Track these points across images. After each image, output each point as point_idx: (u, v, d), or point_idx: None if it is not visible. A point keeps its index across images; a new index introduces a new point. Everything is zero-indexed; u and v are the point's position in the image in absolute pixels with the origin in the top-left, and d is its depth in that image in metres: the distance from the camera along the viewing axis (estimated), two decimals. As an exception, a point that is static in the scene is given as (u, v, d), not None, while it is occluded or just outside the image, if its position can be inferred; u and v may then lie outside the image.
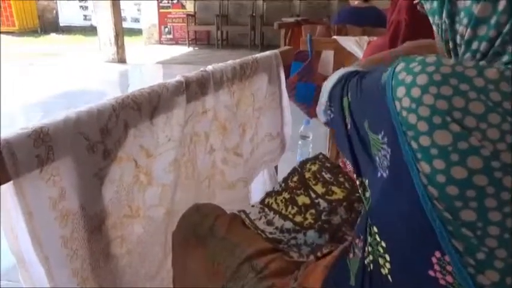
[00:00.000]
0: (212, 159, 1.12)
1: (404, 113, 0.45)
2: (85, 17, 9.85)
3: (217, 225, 0.79)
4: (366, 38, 1.94)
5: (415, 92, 0.45)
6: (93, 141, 0.67)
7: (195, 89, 0.95)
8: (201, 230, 0.78)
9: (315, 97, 2.13)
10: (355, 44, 1.87)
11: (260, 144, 1.41)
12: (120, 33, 5.85)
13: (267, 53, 1.40)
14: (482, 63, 0.48)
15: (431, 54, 0.48)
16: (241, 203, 1.14)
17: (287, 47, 1.60)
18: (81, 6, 9.87)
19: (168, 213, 0.88)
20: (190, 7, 7.53)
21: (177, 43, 7.78)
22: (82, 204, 0.66)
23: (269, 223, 0.83)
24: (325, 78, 2.26)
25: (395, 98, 0.46)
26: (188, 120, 0.95)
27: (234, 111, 1.15)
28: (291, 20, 5.44)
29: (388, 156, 0.49)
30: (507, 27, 0.46)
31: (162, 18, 7.74)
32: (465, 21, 0.50)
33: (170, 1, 7.65)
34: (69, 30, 9.50)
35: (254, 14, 7.21)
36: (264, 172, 1.51)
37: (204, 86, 0.99)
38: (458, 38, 0.52)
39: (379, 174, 0.51)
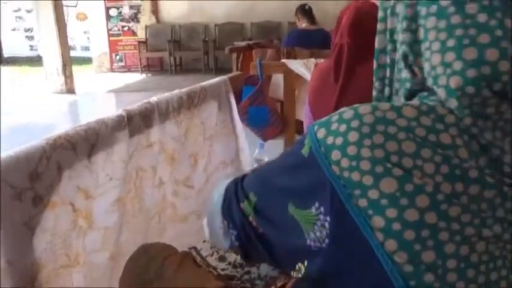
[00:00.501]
0: (162, 192, 1.07)
1: (346, 174, 0.45)
2: (31, 47, 9.50)
3: (166, 267, 0.74)
4: (313, 60, 1.99)
5: (352, 150, 0.45)
6: (20, 189, 0.62)
7: (138, 122, 0.91)
8: (148, 274, 0.73)
9: (269, 120, 2.15)
10: (302, 67, 1.91)
11: (214, 173, 1.38)
12: (68, 62, 5.67)
13: (216, 79, 1.39)
14: (397, 103, 0.49)
15: (343, 110, 0.49)
16: (194, 237, 1.09)
17: (237, 73, 1.61)
18: (26, 37, 9.52)
19: (112, 258, 0.82)
20: (141, 34, 7.47)
21: (129, 70, 7.65)
22: (9, 259, 0.60)
23: (221, 259, 0.79)
24: (276, 101, 2.28)
25: (332, 162, 0.46)
26: (132, 155, 0.91)
27: (183, 142, 1.11)
28: (243, 43, 5.52)
29: (327, 225, 0.48)
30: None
31: (113, 46, 7.61)
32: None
33: (121, 28, 7.55)
34: (14, 61, 9.10)
35: (206, 39, 7.26)
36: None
37: (148, 118, 0.96)
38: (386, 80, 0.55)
39: (315, 248, 0.50)
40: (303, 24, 3.62)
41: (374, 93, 0.61)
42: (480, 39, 0.44)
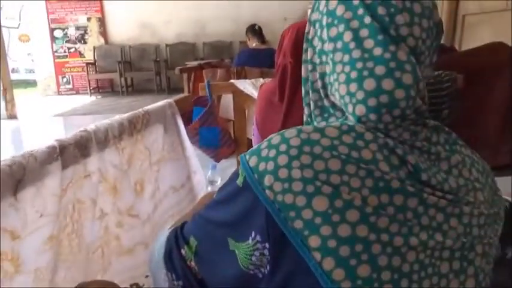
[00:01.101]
0: (104, 224, 1.01)
1: (280, 197, 0.46)
2: (-32, 71, 8.89)
3: (104, 307, 0.69)
4: (261, 80, 2.01)
5: (283, 172, 0.46)
6: None
7: (73, 152, 0.86)
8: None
9: (220, 140, 2.13)
10: (251, 86, 1.93)
11: (164, 199, 1.33)
12: (9, 86, 5.36)
13: (160, 103, 1.36)
14: (320, 124, 0.52)
15: (271, 136, 0.51)
16: (142, 269, 1.04)
17: (183, 95, 1.58)
18: (-38, 60, 8.92)
19: (46, 301, 0.75)
20: (89, 55, 7.25)
21: (77, 93, 7.37)
22: None
23: (166, 294, 0.75)
24: (227, 121, 2.27)
25: (265, 187, 0.47)
26: (67, 187, 0.85)
27: (125, 169, 1.07)
28: (195, 63, 5.50)
29: (266, 252, 0.49)
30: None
31: (59, 68, 7.31)
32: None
33: (67, 50, 7.29)
34: None
35: (158, 59, 7.18)
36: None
37: (84, 148, 0.90)
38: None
39: (258, 277, 0.51)
40: (253, 43, 3.67)
41: (304, 118, 0.64)
42: (377, 71, 0.48)
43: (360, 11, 0.50)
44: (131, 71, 7.29)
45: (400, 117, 0.49)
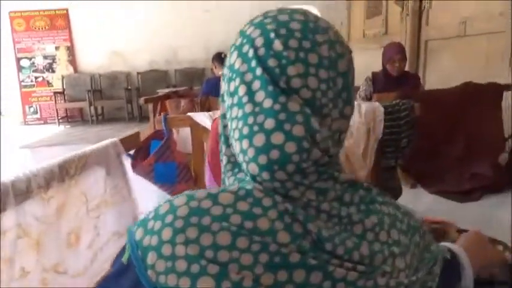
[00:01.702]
0: (26, 283, 0.92)
1: (162, 279, 0.40)
2: None
3: None
4: (218, 112, 1.97)
5: (166, 249, 0.41)
6: None
7: (-18, 209, 0.78)
8: None
9: (177, 176, 2.05)
10: (208, 119, 1.88)
11: (105, 247, 1.24)
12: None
13: (103, 143, 1.28)
14: (214, 190, 0.46)
15: (160, 204, 0.46)
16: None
17: (133, 132, 1.51)
18: None
19: None
20: (58, 84, 7.10)
21: (45, 122, 7.16)
22: None
23: None
24: (187, 155, 2.20)
25: (148, 267, 0.41)
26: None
27: (52, 221, 0.98)
28: (166, 91, 5.44)
29: None
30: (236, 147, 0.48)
31: (26, 98, 7.11)
32: None
33: (34, 79, 7.12)
34: None
35: (129, 87, 7.10)
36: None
37: (-2, 202, 0.82)
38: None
39: None
40: (219, 72, 3.65)
41: (222, 169, 0.59)
42: (266, 125, 0.44)
43: (253, 63, 0.47)
44: (101, 100, 7.16)
45: (297, 173, 0.45)
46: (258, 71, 0.47)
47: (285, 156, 0.44)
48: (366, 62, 3.31)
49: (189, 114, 1.97)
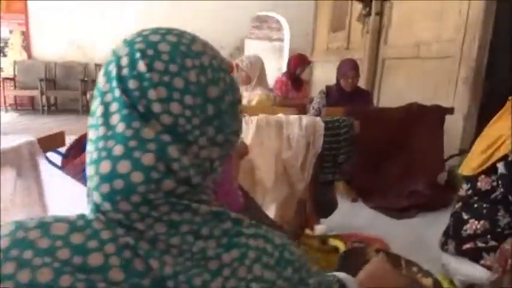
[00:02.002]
0: None
1: None
2: None
3: None
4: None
5: None
6: None
7: None
8: None
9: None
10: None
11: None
12: None
13: (17, 143, 1.20)
14: (50, 218, 0.42)
15: None
16: None
17: (54, 131, 1.42)
18: None
19: None
20: (8, 69, 6.72)
21: (-8, 109, 6.76)
22: None
23: None
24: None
25: None
26: None
27: None
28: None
29: None
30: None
31: (-28, 81, 6.69)
32: None
33: (-17, 62, 6.71)
34: None
35: (86, 79, 6.84)
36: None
37: None
38: None
39: None
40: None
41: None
42: (115, 151, 0.42)
43: (114, 83, 0.45)
44: (55, 89, 6.85)
45: (143, 204, 0.42)
46: (117, 92, 0.44)
47: (129, 186, 0.41)
48: (327, 74, 3.37)
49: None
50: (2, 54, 6.78)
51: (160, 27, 0.51)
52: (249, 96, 2.91)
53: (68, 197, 1.37)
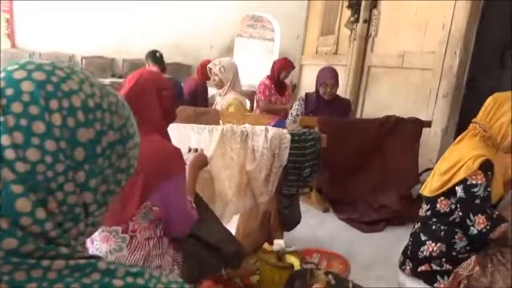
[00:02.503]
0: None
1: None
2: None
3: None
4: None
5: None
6: None
7: None
8: None
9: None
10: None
11: None
12: None
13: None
14: None
15: None
16: None
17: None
18: None
19: None
20: (-9, 57, 6.59)
21: (-27, 96, 6.62)
22: None
23: None
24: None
25: None
26: None
27: None
28: (106, 81, 5.17)
29: None
30: None
31: (-47, 67, 6.54)
32: None
33: (-35, 49, 6.56)
34: None
35: (71, 71, 6.73)
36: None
37: None
38: None
39: None
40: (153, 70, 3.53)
41: None
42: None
43: None
44: (39, 80, 6.74)
45: None
46: None
47: None
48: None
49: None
50: (-15, 42, 6.64)
51: (34, 61, 0.48)
52: (222, 100, 2.88)
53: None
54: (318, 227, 2.62)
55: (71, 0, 6.54)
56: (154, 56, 3.49)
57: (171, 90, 1.42)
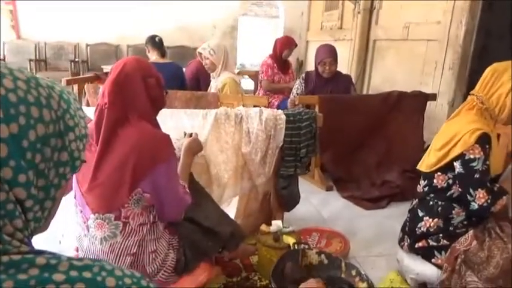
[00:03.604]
0: None
1: None
2: None
3: None
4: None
5: None
6: None
7: None
8: None
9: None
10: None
11: None
12: None
13: None
14: None
15: None
16: None
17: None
18: None
19: None
20: (-2, 50, 6.66)
21: (-17, 90, 6.73)
22: None
23: None
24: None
25: None
26: None
27: None
28: (110, 67, 5.16)
29: None
30: None
31: (-38, 62, 6.63)
32: None
33: (-28, 42, 6.63)
34: None
35: (77, 59, 6.76)
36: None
37: None
38: None
39: None
40: (152, 56, 3.52)
41: None
42: None
43: None
44: (46, 71, 6.79)
45: None
46: None
47: None
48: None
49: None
50: (-9, 35, 6.70)
51: None
52: (216, 82, 2.87)
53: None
54: (321, 206, 2.63)
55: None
56: (154, 41, 3.47)
57: (157, 77, 1.41)
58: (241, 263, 1.85)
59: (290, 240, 1.68)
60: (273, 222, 1.81)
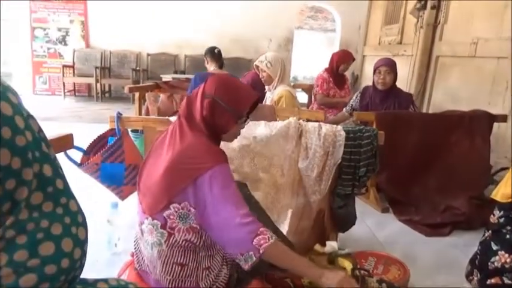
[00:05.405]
0: None
1: None
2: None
3: None
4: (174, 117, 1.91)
5: None
6: None
7: None
8: None
9: (124, 178, 2.00)
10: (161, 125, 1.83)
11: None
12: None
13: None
14: None
15: None
16: None
17: (64, 134, 1.47)
18: None
19: None
20: (68, 57, 7.16)
21: (53, 94, 7.26)
22: None
23: None
24: (139, 157, 2.14)
25: None
26: None
27: None
28: (168, 77, 5.38)
29: None
30: None
31: (37, 68, 7.21)
32: None
33: (47, 50, 7.20)
34: None
35: (138, 68, 7.10)
36: None
37: None
38: None
39: None
40: (211, 67, 3.59)
41: None
42: (53, 231, 0.42)
43: None
44: (109, 78, 7.20)
45: (71, 280, 0.43)
46: None
47: (72, 263, 0.43)
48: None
49: (143, 116, 1.93)
50: (63, 43, 7.22)
51: None
52: (272, 94, 2.85)
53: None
54: (375, 228, 2.49)
55: (138, 1, 6.87)
56: (213, 53, 3.54)
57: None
58: (292, 283, 1.78)
59: (346, 263, 1.59)
60: (328, 243, 1.73)
